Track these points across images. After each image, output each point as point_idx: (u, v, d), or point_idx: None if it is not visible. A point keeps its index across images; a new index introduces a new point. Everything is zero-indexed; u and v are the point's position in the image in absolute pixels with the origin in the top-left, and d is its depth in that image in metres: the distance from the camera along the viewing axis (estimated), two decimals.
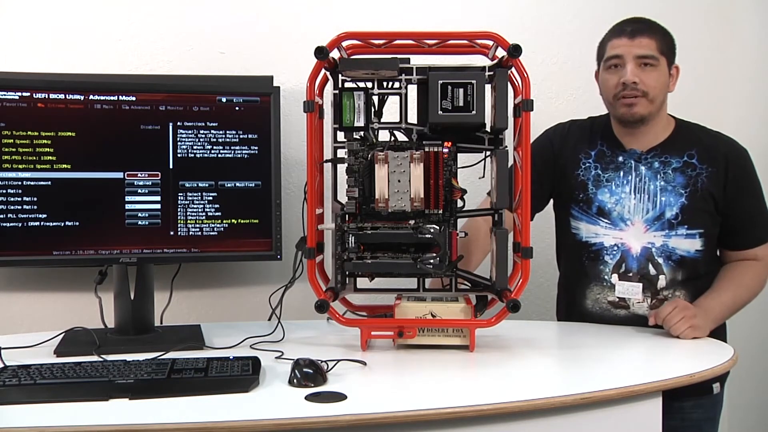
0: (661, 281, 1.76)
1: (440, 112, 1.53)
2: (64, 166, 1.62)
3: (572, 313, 1.87)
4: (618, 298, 1.78)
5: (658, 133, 1.80)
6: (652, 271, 1.76)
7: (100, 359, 1.43)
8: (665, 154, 1.79)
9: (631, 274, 1.77)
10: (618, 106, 1.77)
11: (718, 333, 1.77)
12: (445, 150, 1.56)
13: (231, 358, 1.42)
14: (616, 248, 1.79)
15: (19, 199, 1.60)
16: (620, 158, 1.81)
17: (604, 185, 1.81)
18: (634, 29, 1.75)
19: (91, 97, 1.64)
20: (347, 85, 1.62)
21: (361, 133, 1.60)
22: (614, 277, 1.78)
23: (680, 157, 1.78)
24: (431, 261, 1.53)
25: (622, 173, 1.80)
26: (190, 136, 1.69)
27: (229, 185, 1.71)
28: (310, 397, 1.23)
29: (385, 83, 1.61)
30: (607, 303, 1.80)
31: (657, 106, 1.76)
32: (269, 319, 1.72)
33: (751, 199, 1.79)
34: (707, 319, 1.67)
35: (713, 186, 1.75)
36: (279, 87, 1.78)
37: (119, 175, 1.65)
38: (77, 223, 1.63)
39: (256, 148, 1.72)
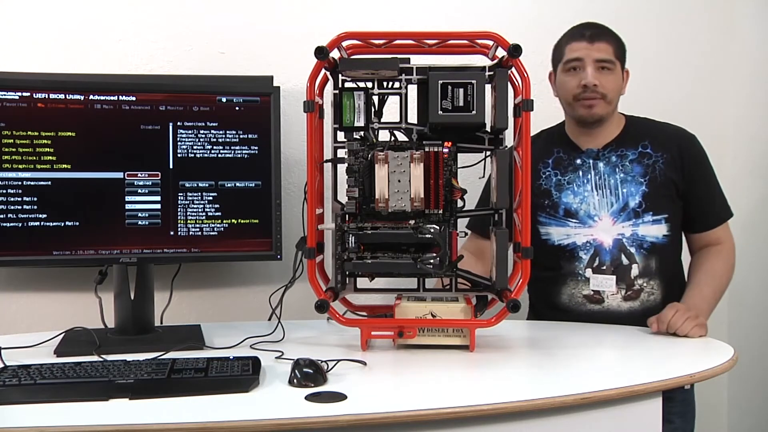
0: (634, 270, 1.81)
1: (440, 112, 1.53)
2: (64, 166, 1.62)
3: (547, 309, 1.89)
4: (592, 291, 1.82)
5: (611, 130, 1.87)
6: (625, 261, 1.82)
7: (100, 359, 1.43)
8: (621, 148, 1.86)
9: (604, 267, 1.82)
10: (577, 108, 1.83)
11: None
12: (445, 150, 1.56)
13: (231, 358, 1.42)
14: (588, 245, 1.83)
15: (19, 199, 1.60)
16: (578, 160, 1.87)
17: (567, 188, 1.86)
18: (592, 34, 1.82)
19: (91, 97, 1.64)
20: (347, 85, 1.62)
21: (361, 133, 1.60)
22: (588, 271, 1.83)
23: (635, 149, 1.85)
24: (431, 261, 1.53)
25: (581, 173, 1.86)
26: (190, 136, 1.69)
27: (229, 185, 1.71)
28: (310, 397, 1.23)
29: (385, 83, 1.61)
30: (582, 297, 1.84)
31: (613, 108, 1.85)
32: (269, 319, 1.72)
33: (707, 180, 1.86)
34: (704, 317, 1.71)
35: (671, 171, 1.82)
36: (279, 87, 1.78)
37: (119, 175, 1.65)
38: (77, 223, 1.63)
39: (256, 148, 1.72)
